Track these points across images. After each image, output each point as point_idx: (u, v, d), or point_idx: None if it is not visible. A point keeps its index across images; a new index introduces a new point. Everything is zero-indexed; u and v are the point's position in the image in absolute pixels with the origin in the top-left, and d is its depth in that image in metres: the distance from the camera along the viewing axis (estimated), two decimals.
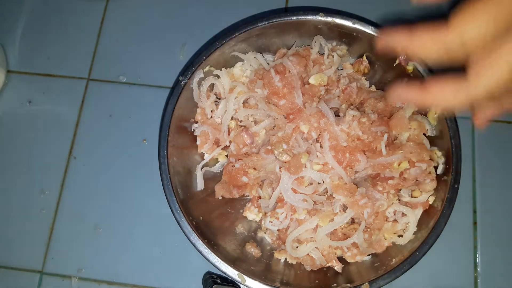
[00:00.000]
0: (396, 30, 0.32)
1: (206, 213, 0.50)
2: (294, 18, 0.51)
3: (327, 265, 0.48)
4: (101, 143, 0.58)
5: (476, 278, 0.51)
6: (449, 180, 0.46)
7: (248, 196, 0.52)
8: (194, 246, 0.46)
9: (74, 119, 0.59)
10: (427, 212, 0.47)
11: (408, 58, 0.49)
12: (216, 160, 0.54)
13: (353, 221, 0.48)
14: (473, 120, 0.34)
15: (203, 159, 0.53)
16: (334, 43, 0.53)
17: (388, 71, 0.52)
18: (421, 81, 0.32)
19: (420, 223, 0.47)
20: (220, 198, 0.51)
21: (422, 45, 0.30)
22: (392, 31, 0.32)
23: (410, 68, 0.50)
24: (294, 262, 0.50)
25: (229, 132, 0.52)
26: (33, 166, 0.57)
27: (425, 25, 0.30)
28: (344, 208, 0.48)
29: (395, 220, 0.48)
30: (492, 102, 0.31)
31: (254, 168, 0.49)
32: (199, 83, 0.52)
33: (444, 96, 0.30)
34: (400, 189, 0.48)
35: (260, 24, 0.51)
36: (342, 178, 0.47)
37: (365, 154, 0.48)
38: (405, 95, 0.33)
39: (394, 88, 0.33)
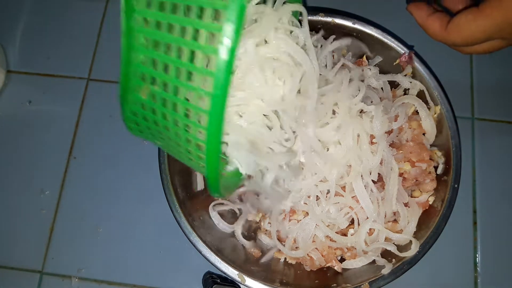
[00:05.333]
0: (422, 6, 0.42)
1: (206, 213, 0.51)
2: None
3: (327, 265, 0.48)
4: (101, 143, 0.58)
5: (476, 278, 0.51)
6: (449, 180, 0.46)
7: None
8: (194, 246, 0.46)
9: (74, 119, 0.59)
10: (427, 212, 0.47)
11: (408, 60, 0.49)
12: None
13: (352, 221, 0.48)
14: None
15: None
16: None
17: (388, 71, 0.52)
18: (431, 10, 0.41)
19: (420, 223, 0.46)
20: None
21: (430, 31, 0.41)
22: (420, 5, 0.42)
23: (409, 69, 0.50)
24: (293, 262, 0.50)
25: None
26: (33, 166, 0.57)
27: (438, 16, 0.40)
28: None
29: (395, 220, 0.48)
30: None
31: None
32: None
33: (431, 29, 0.40)
34: None
35: None
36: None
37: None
38: (415, 11, 0.42)
39: (414, 3, 0.43)
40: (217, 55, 0.26)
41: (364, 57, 0.53)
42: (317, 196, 0.45)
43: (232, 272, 0.45)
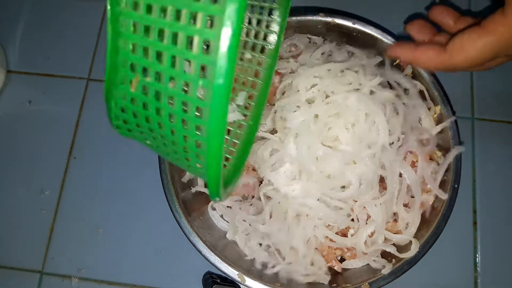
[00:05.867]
0: (402, 44, 0.41)
1: (206, 213, 0.51)
2: (294, 18, 0.51)
3: (327, 265, 0.48)
4: (101, 143, 0.58)
5: (476, 278, 0.51)
6: (449, 180, 0.46)
7: (248, 197, 0.52)
8: (194, 246, 0.46)
9: (74, 119, 0.59)
10: (427, 212, 0.47)
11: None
12: None
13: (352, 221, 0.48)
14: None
15: None
16: (334, 43, 0.53)
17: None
18: (414, 44, 0.40)
19: (420, 223, 0.46)
20: None
21: (423, 60, 0.39)
22: (399, 45, 0.41)
23: (409, 69, 0.50)
24: None
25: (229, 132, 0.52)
26: (33, 166, 0.57)
27: (429, 45, 0.39)
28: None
29: (395, 221, 0.48)
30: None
31: (253, 169, 0.49)
32: None
33: (425, 58, 0.38)
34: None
35: None
36: None
37: None
38: (399, 50, 0.40)
39: (392, 45, 0.42)
40: (218, 40, 0.23)
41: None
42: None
43: (232, 272, 0.45)
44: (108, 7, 0.27)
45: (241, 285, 0.46)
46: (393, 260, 0.46)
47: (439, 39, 0.41)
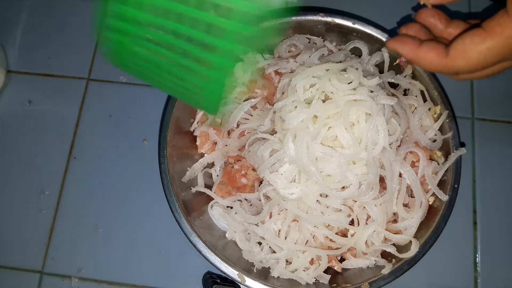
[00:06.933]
0: (406, 39, 0.38)
1: (206, 213, 0.51)
2: (294, 18, 0.51)
3: (327, 265, 0.48)
4: (101, 143, 0.58)
5: (476, 278, 0.51)
6: (449, 180, 0.46)
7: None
8: (194, 246, 0.46)
9: (74, 119, 0.59)
10: (427, 212, 0.47)
11: (408, 60, 0.49)
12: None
13: (352, 222, 0.48)
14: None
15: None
16: (334, 43, 0.54)
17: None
18: (417, 41, 0.37)
19: (420, 223, 0.46)
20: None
21: (424, 62, 0.37)
22: (402, 39, 0.38)
23: (409, 70, 0.50)
24: None
25: (229, 134, 0.52)
26: (33, 166, 0.57)
27: (431, 45, 0.36)
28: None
29: (394, 221, 0.48)
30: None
31: (253, 169, 0.49)
32: None
33: (427, 59, 0.36)
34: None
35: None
36: None
37: None
38: (400, 46, 0.38)
39: (394, 38, 0.39)
40: None
41: None
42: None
43: (232, 272, 0.45)
44: None
45: (241, 285, 0.46)
46: (393, 260, 0.46)
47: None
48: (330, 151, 0.42)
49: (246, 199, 0.50)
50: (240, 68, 0.54)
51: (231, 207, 0.50)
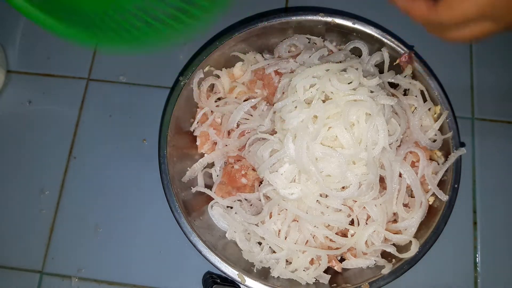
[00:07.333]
0: None
1: (206, 213, 0.51)
2: (294, 18, 0.51)
3: (327, 265, 0.48)
4: (101, 143, 0.58)
5: (476, 278, 0.51)
6: (449, 180, 0.46)
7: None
8: (194, 246, 0.46)
9: (74, 119, 0.59)
10: (427, 212, 0.47)
11: (408, 60, 0.49)
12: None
13: (352, 222, 0.48)
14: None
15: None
16: (334, 43, 0.54)
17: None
18: None
19: (420, 223, 0.46)
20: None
21: (415, 11, 0.38)
22: None
23: (409, 70, 0.50)
24: None
25: (229, 134, 0.52)
26: (33, 166, 0.57)
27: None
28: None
29: (394, 221, 0.48)
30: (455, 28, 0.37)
31: (253, 169, 0.49)
32: (199, 83, 0.52)
33: (417, 10, 0.37)
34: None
35: (260, 24, 0.51)
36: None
37: None
38: None
39: None
40: None
41: None
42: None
43: (232, 272, 0.45)
44: None
45: (241, 285, 0.46)
46: (393, 260, 0.46)
47: None
48: (330, 151, 0.42)
49: (246, 199, 0.50)
50: (240, 68, 0.54)
51: (231, 207, 0.50)
